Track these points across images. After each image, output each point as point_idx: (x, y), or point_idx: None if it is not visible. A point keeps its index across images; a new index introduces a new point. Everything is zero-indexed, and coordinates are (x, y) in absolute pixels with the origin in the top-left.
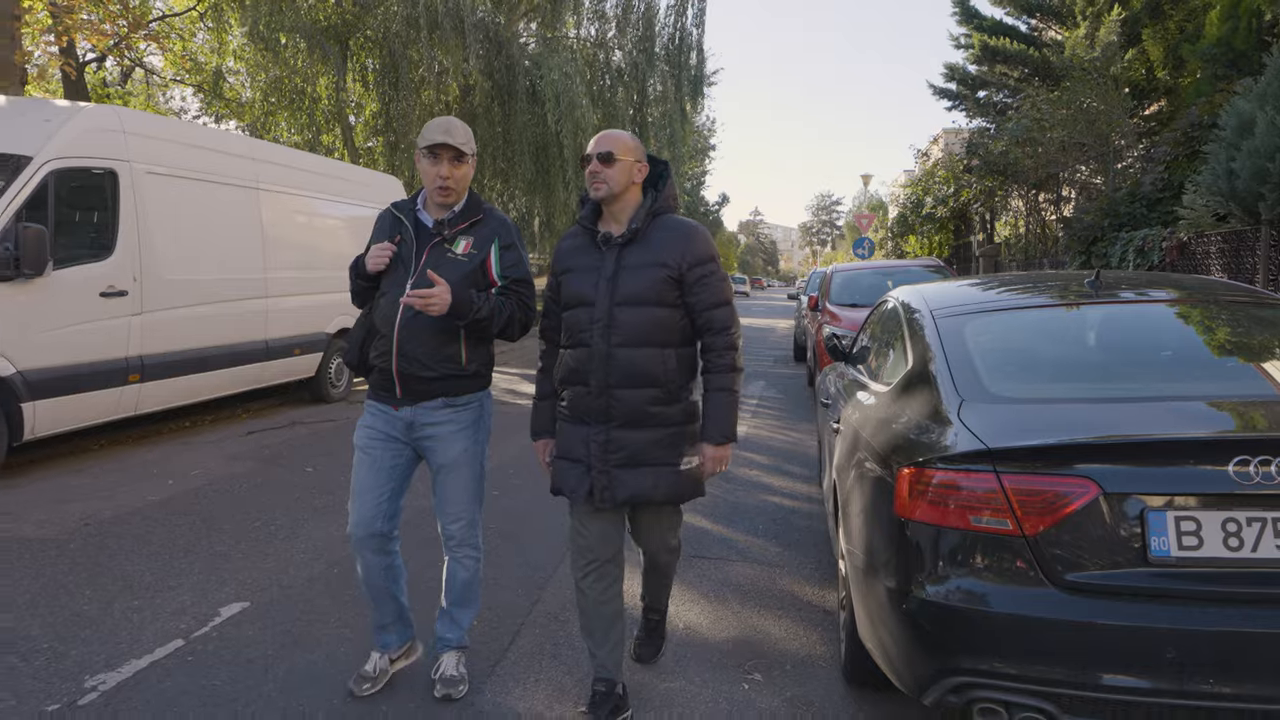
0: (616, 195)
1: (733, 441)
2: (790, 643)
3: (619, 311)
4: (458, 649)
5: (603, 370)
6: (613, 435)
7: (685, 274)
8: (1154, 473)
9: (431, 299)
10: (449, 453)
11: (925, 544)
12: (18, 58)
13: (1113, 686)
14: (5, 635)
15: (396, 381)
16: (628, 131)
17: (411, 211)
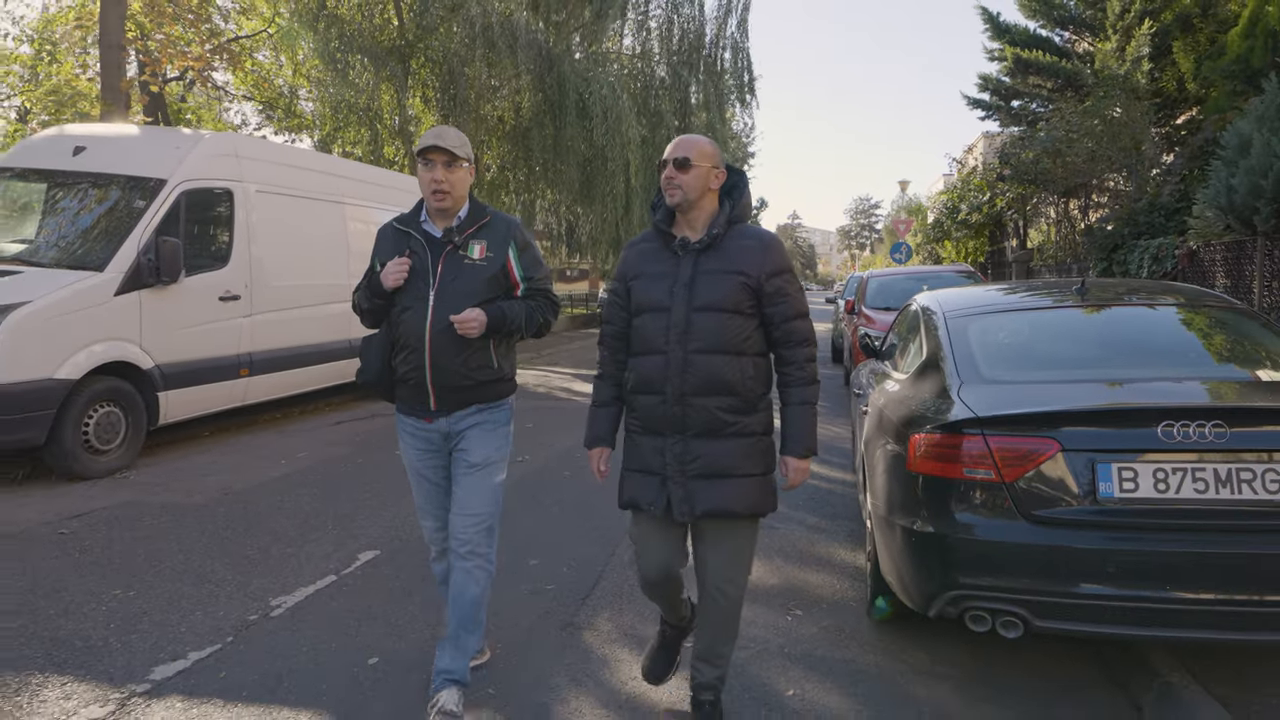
0: (692, 201)
1: (814, 454)
2: (825, 589)
3: (696, 317)
4: (457, 684)
5: (679, 377)
6: (689, 445)
7: (763, 284)
8: (1102, 433)
9: (469, 324)
10: (482, 451)
11: (929, 491)
12: (123, 85)
13: (1069, 593)
14: (198, 570)
15: (431, 394)
16: (707, 138)
17: (417, 224)
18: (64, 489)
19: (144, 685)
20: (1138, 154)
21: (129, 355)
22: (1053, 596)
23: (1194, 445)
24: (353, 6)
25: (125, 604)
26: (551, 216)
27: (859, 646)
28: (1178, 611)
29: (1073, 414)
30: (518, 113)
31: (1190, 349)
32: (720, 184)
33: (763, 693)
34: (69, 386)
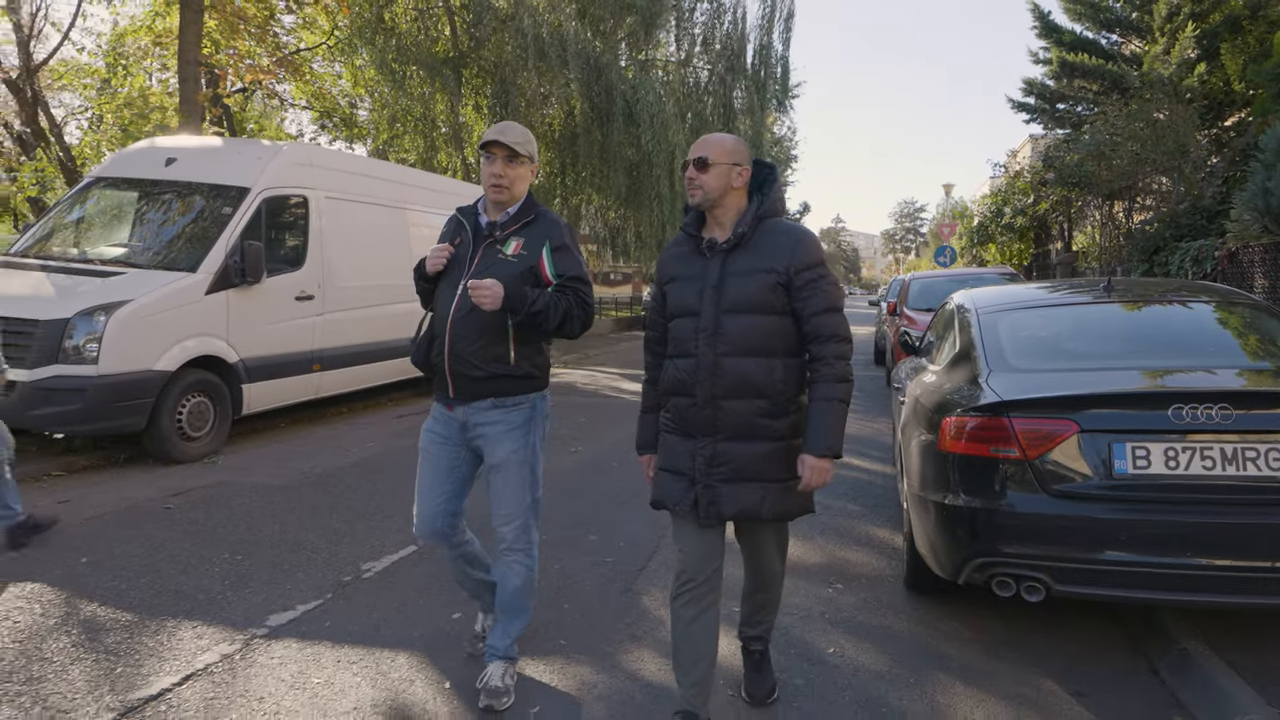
0: (714, 200)
1: (836, 456)
2: (864, 567)
3: (726, 319)
4: (505, 659)
5: (709, 381)
6: (719, 448)
7: (793, 279)
8: (1116, 415)
9: (483, 290)
10: (498, 453)
11: (958, 468)
12: (199, 97)
13: (1087, 560)
14: (293, 540)
15: (449, 380)
16: (732, 135)
17: (473, 215)
18: (161, 471)
19: (262, 630)
20: (1183, 156)
21: (217, 350)
22: (1071, 563)
23: (1202, 426)
24: (409, 20)
25: (234, 566)
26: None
27: (894, 615)
28: (1187, 577)
29: (1090, 398)
30: (566, 119)
31: (1205, 340)
32: (744, 181)
33: (805, 650)
34: (166, 377)
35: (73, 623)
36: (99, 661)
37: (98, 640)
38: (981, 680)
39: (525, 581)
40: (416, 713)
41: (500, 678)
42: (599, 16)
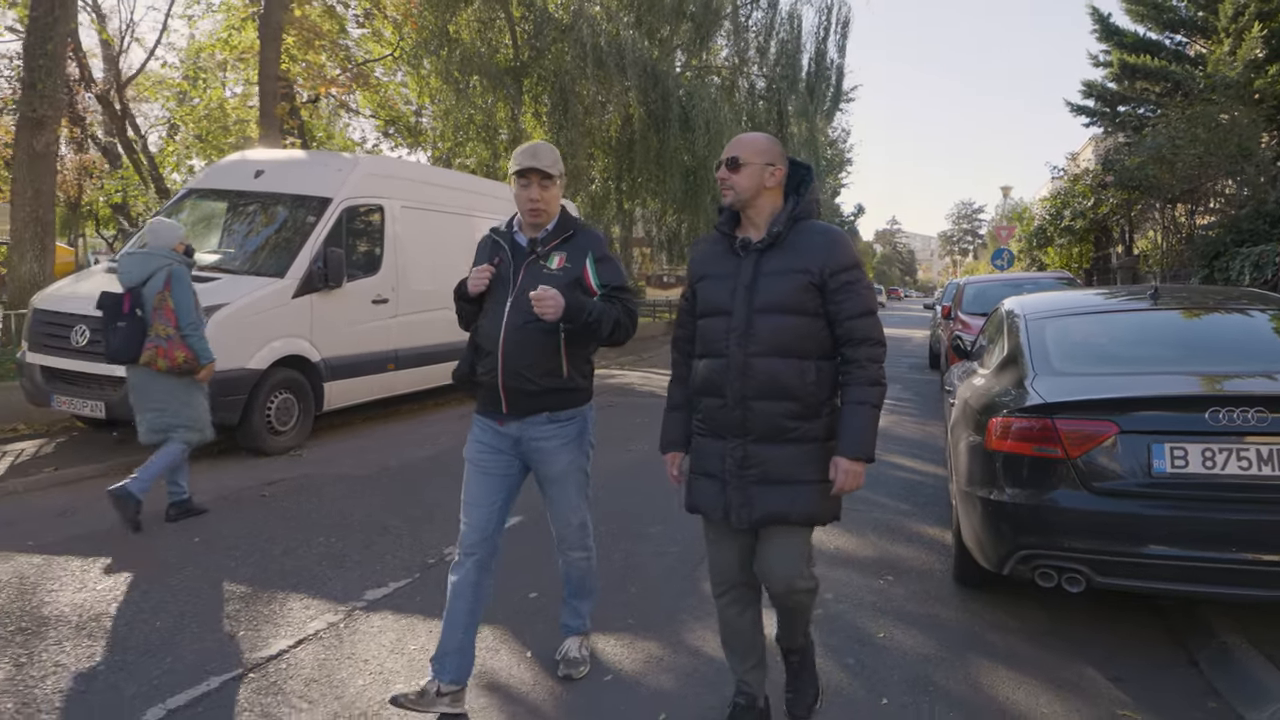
0: (747, 200)
1: (868, 460)
2: (914, 561)
3: (757, 319)
4: (579, 634)
5: (739, 381)
6: (750, 450)
7: (827, 281)
8: (1155, 417)
9: (546, 300)
10: (555, 466)
11: (1004, 466)
12: (278, 111)
13: (1126, 553)
14: (379, 525)
15: (503, 397)
16: (766, 134)
17: (509, 235)
18: (252, 462)
19: (361, 602)
20: (1247, 160)
21: (302, 350)
22: (1111, 556)
23: (1238, 428)
24: (472, 32)
25: (329, 547)
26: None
27: (942, 605)
28: (1222, 571)
29: (1129, 400)
30: (623, 126)
31: (1246, 347)
32: (777, 181)
33: (856, 634)
34: (258, 375)
35: (194, 594)
36: (224, 625)
37: (219, 608)
38: (1024, 665)
39: (587, 571)
40: (503, 677)
41: (577, 649)
42: (655, 25)
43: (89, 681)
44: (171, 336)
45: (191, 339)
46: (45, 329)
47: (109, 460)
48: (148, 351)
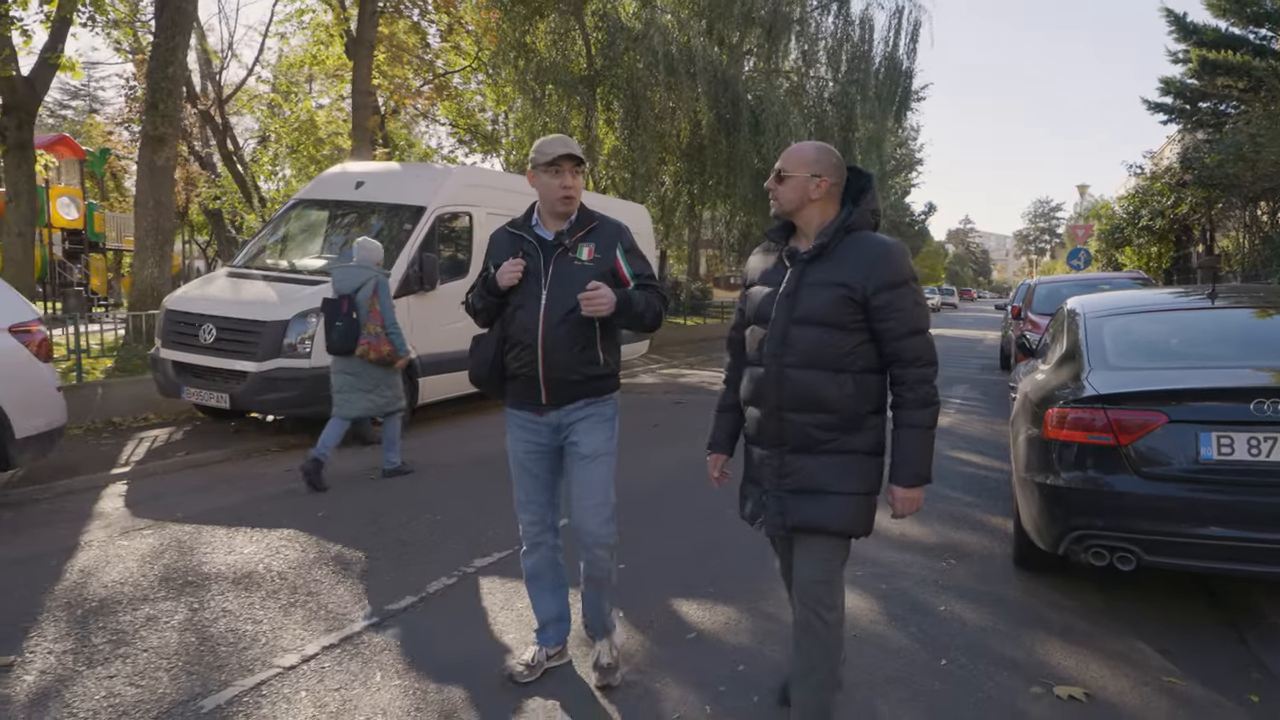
0: (791, 212)
1: (926, 482)
2: (976, 546)
3: (794, 331)
4: (607, 633)
5: (775, 391)
6: (786, 460)
7: (870, 298)
8: (1203, 407)
9: (599, 299)
10: (593, 443)
11: (1060, 453)
12: (370, 123)
13: (1175, 534)
14: (478, 506)
15: (544, 388)
16: (818, 144)
17: (529, 228)
18: (357, 449)
19: (471, 568)
20: None
21: None
22: (1161, 536)
23: None
24: (547, 42)
25: (437, 523)
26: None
27: (1001, 584)
28: (1266, 550)
29: (1177, 392)
30: (693, 131)
31: None
32: (824, 191)
33: (919, 607)
34: None
35: (327, 557)
36: (356, 583)
37: (349, 569)
38: (1077, 639)
39: (610, 568)
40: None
41: (609, 652)
42: (725, 32)
43: (253, 623)
44: (379, 334)
45: (394, 336)
46: (176, 328)
47: (230, 447)
48: (361, 346)
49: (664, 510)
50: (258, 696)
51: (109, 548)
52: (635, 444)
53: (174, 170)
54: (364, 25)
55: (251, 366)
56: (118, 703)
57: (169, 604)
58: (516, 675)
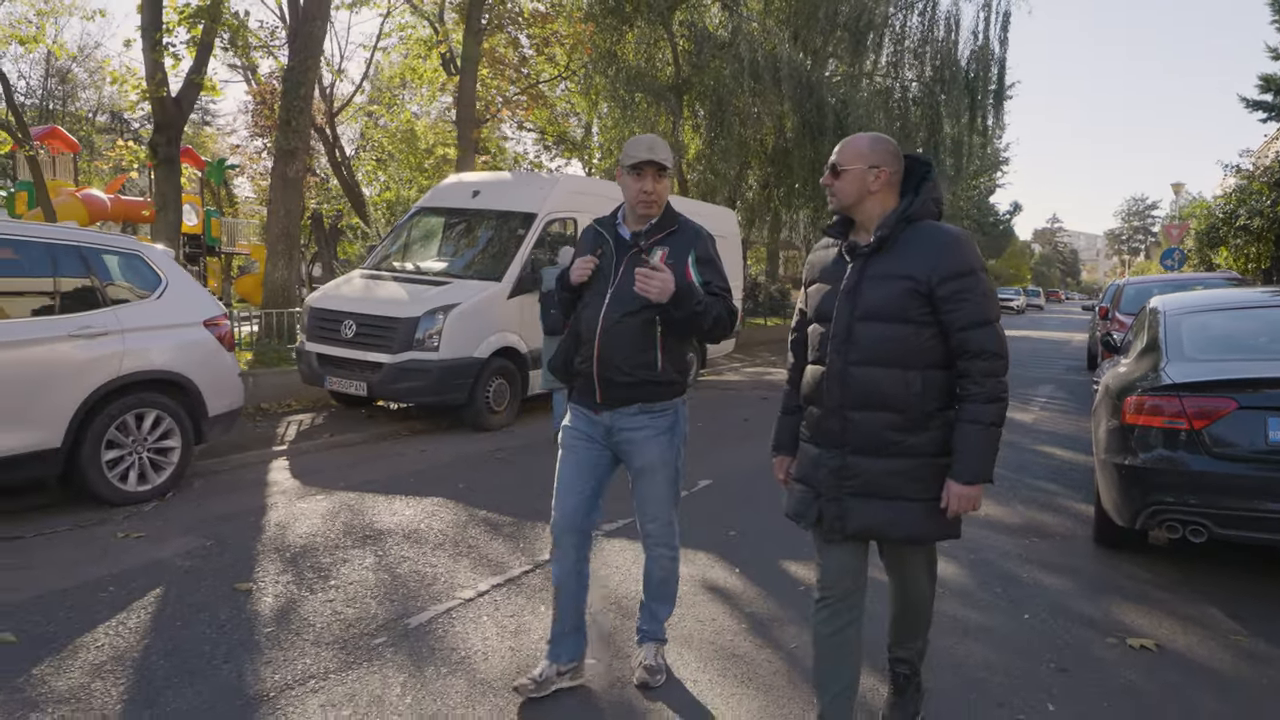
0: (849, 205)
1: (986, 481)
2: (1058, 527)
3: (858, 327)
4: (656, 641)
5: (838, 390)
6: (848, 461)
7: (935, 288)
8: (1271, 394)
9: (653, 280)
10: (645, 457)
11: (1136, 436)
12: (475, 135)
13: (1244, 508)
14: None
15: (597, 386)
16: (873, 134)
17: (612, 226)
18: (475, 435)
19: (598, 531)
20: None
21: (513, 343)
22: (1231, 511)
23: None
24: (638, 53)
25: None
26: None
27: (1081, 558)
28: None
29: (1248, 381)
30: (779, 136)
31: None
32: (883, 183)
33: (1002, 573)
34: (481, 363)
35: (477, 519)
36: (507, 540)
37: (498, 529)
38: (1152, 604)
39: (670, 573)
40: (709, 586)
41: (654, 656)
42: (810, 38)
43: (430, 567)
44: None
45: None
46: (320, 323)
47: (366, 431)
48: None
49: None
50: (449, 618)
51: (292, 508)
52: (728, 436)
53: (303, 181)
54: (469, 43)
55: (387, 358)
56: (342, 619)
57: (357, 550)
58: (521, 689)
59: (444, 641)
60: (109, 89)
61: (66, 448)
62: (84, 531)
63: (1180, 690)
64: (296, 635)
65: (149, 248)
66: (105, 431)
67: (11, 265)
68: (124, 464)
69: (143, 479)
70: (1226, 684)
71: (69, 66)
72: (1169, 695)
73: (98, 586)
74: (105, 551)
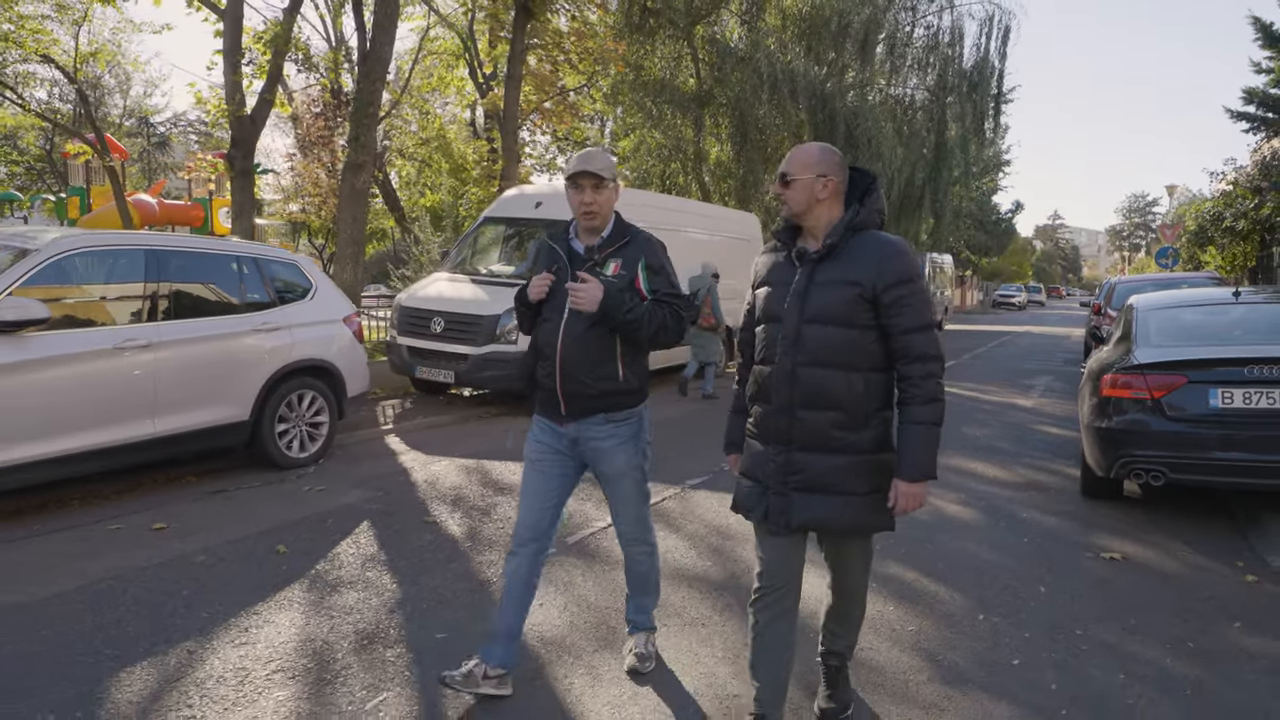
0: (799, 214)
1: (930, 479)
2: (1051, 484)
3: (806, 329)
4: (645, 630)
5: (786, 389)
6: (793, 457)
7: (880, 295)
8: (1211, 372)
9: (579, 291)
10: (612, 465)
11: (1112, 405)
12: (518, 148)
13: (1193, 458)
14: (679, 445)
15: (561, 399)
16: (821, 145)
17: (565, 241)
18: None
19: (687, 485)
20: None
21: None
22: (1182, 459)
23: (1266, 379)
24: (664, 67)
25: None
26: None
27: (1069, 504)
28: (1257, 467)
29: (1194, 361)
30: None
31: None
32: (831, 191)
33: (1007, 514)
34: None
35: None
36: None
37: None
38: (1122, 532)
39: (650, 566)
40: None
41: (644, 645)
42: (822, 51)
43: None
44: (709, 313)
45: (717, 314)
46: (410, 320)
47: (451, 414)
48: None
49: None
50: (594, 539)
51: (428, 470)
52: None
53: (368, 191)
54: (514, 62)
55: (472, 350)
56: None
57: (501, 497)
58: (448, 679)
59: (596, 553)
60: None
61: (252, 421)
62: (275, 486)
63: (1138, 583)
64: (489, 546)
65: (302, 258)
66: (278, 408)
67: (211, 273)
68: (289, 435)
69: (302, 448)
70: (1169, 578)
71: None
72: (1130, 585)
73: (318, 520)
74: (304, 499)
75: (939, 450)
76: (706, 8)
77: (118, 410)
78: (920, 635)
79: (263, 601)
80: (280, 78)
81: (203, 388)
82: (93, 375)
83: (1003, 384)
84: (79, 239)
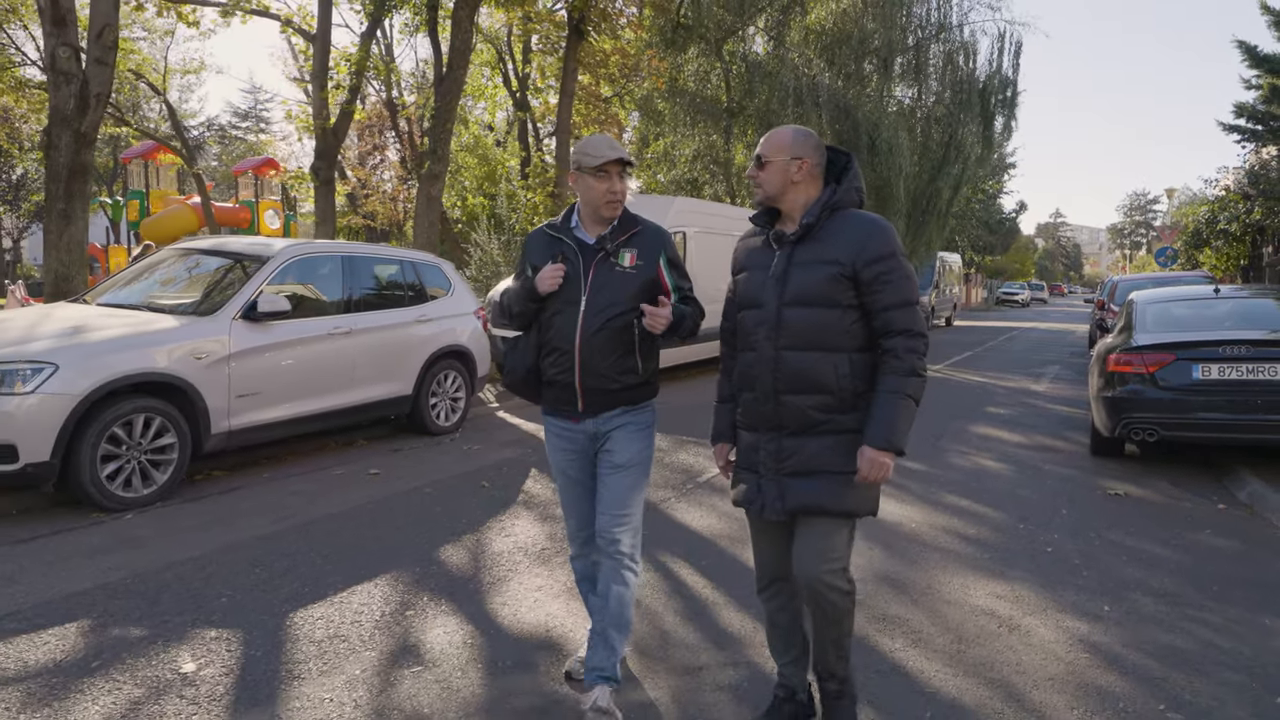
0: (774, 196)
1: (896, 451)
2: (1064, 448)
3: (787, 313)
4: (608, 683)
5: (770, 375)
6: (784, 443)
7: (860, 272)
8: (1194, 351)
9: (660, 317)
10: (628, 451)
11: (1116, 379)
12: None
13: (1180, 419)
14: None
15: (580, 395)
16: (795, 127)
17: (569, 230)
18: None
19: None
20: None
21: None
22: (1170, 419)
23: (1237, 355)
24: (697, 82)
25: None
26: None
27: (1081, 460)
28: (1234, 424)
29: (1180, 343)
30: None
31: (1258, 316)
32: (805, 173)
33: (1030, 466)
34: None
35: (686, 444)
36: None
37: (667, 456)
38: (1124, 477)
39: (630, 590)
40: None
41: (607, 700)
42: (844, 64)
43: (686, 459)
44: None
45: None
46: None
47: None
48: None
49: None
50: (710, 483)
51: None
52: None
53: (442, 197)
54: (567, 78)
55: None
56: (665, 480)
57: None
58: (574, 673)
59: (715, 493)
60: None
61: (414, 395)
62: (436, 448)
63: (1137, 507)
64: None
65: (443, 261)
66: (430, 385)
67: (385, 274)
68: (438, 407)
69: (446, 419)
70: (1160, 506)
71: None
72: (1130, 509)
73: (494, 468)
74: (468, 456)
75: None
76: (735, 25)
77: (330, 382)
78: (979, 536)
79: (496, 517)
80: (359, 93)
81: (384, 366)
82: (314, 355)
83: (1016, 372)
84: (299, 248)
